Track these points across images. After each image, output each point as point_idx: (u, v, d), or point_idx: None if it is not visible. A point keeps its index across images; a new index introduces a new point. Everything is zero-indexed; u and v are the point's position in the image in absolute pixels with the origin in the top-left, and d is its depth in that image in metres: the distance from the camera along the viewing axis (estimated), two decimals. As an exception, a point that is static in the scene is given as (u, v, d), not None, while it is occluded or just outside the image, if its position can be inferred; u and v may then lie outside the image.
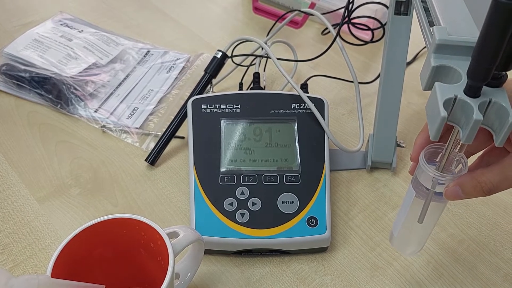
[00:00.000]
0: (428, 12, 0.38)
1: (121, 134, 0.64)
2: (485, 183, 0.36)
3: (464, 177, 0.37)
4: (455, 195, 0.37)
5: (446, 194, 0.38)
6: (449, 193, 0.37)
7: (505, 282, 0.49)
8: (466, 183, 0.36)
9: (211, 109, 0.56)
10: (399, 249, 0.47)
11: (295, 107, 0.56)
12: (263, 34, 0.81)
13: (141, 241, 0.40)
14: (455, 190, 0.37)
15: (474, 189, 0.36)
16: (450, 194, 0.37)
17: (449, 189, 0.37)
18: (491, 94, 0.32)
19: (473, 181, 0.36)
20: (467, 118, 0.32)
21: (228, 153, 0.54)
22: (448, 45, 0.33)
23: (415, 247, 0.45)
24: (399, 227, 0.44)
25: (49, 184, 0.57)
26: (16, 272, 0.48)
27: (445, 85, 0.32)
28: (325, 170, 0.53)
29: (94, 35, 0.77)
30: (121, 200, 0.56)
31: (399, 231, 0.44)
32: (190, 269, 0.44)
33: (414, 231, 0.43)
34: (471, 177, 0.36)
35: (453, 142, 0.36)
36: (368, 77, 0.74)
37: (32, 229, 0.52)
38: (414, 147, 0.41)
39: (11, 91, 0.69)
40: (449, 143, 0.36)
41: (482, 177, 0.36)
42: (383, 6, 0.69)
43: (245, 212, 0.50)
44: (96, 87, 0.69)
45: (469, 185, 0.36)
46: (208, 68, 0.63)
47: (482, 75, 0.30)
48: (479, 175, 0.36)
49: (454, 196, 0.37)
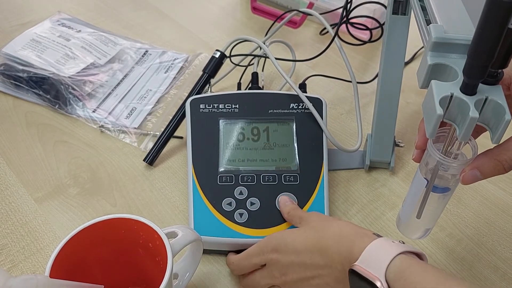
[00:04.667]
0: (425, 11, 0.38)
1: (119, 134, 0.64)
2: (505, 161, 0.35)
3: (482, 159, 0.36)
4: (473, 178, 0.36)
5: (464, 179, 0.36)
6: (466, 177, 0.36)
7: (503, 281, 0.49)
8: (485, 164, 0.36)
9: (209, 109, 0.56)
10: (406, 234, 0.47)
11: (293, 107, 0.56)
12: (262, 34, 0.81)
13: (139, 241, 0.40)
14: (473, 174, 0.36)
15: (494, 169, 0.35)
16: (468, 178, 0.36)
17: (466, 174, 0.36)
18: (487, 91, 0.32)
19: (493, 161, 0.35)
20: (463, 115, 0.32)
21: (227, 153, 0.54)
22: (444, 43, 0.33)
23: (423, 232, 0.45)
24: (408, 213, 0.43)
25: (47, 184, 0.57)
26: (15, 272, 0.48)
27: (441, 83, 0.33)
28: (323, 170, 0.53)
29: (92, 35, 0.77)
30: (119, 200, 0.56)
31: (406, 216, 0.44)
32: (188, 269, 0.44)
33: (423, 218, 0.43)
34: (490, 158, 0.35)
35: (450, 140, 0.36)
36: (366, 76, 0.74)
37: (30, 229, 0.52)
38: (418, 135, 0.40)
39: (9, 91, 0.68)
40: (446, 140, 0.36)
41: (503, 156, 0.35)
42: (381, 6, 0.69)
43: (244, 212, 0.50)
44: (94, 87, 0.69)
45: (489, 166, 0.35)
46: (206, 68, 0.63)
47: (478, 72, 0.30)
48: (498, 154, 0.35)
49: (473, 179, 0.36)
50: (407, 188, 0.58)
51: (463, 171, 0.37)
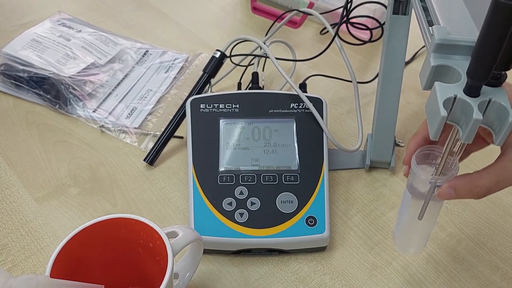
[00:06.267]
0: (427, 11, 0.38)
1: (120, 134, 0.64)
2: (480, 187, 0.36)
3: (459, 180, 0.37)
4: (448, 196, 0.38)
5: (439, 195, 0.38)
6: (442, 194, 0.38)
7: (503, 281, 0.49)
8: (461, 186, 0.37)
9: (209, 109, 0.56)
10: (402, 249, 0.47)
11: (293, 106, 0.56)
12: (262, 33, 0.81)
13: (140, 241, 0.40)
14: (448, 192, 0.37)
15: (469, 192, 0.37)
16: (443, 195, 0.38)
17: (442, 190, 0.38)
18: (491, 93, 0.32)
19: (469, 185, 0.37)
20: (467, 117, 0.32)
21: (227, 153, 0.54)
22: (447, 45, 0.33)
23: (418, 246, 0.46)
24: (400, 227, 0.44)
25: (47, 184, 0.57)
26: (15, 272, 0.48)
27: (444, 85, 0.33)
28: (324, 170, 0.53)
29: (93, 35, 0.77)
30: (119, 200, 0.56)
31: (400, 231, 0.44)
32: (189, 268, 0.44)
33: (415, 231, 0.43)
34: (466, 181, 0.37)
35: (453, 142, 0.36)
36: (366, 76, 0.74)
37: (30, 229, 0.52)
38: (407, 151, 0.42)
39: (9, 91, 0.68)
40: (448, 142, 0.36)
41: (478, 181, 0.36)
42: (381, 6, 0.69)
43: (244, 211, 0.50)
44: (94, 87, 0.69)
45: (464, 188, 0.37)
46: (206, 68, 0.63)
47: (482, 74, 0.30)
48: (475, 179, 0.36)
49: (447, 196, 0.38)
50: (407, 188, 0.58)
51: (441, 187, 0.38)
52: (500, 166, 0.36)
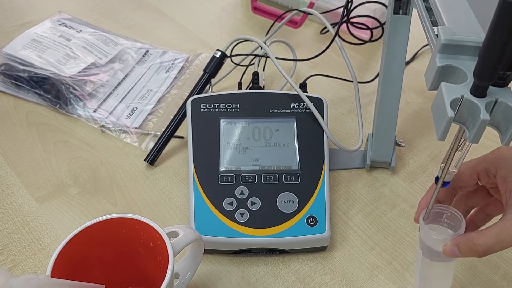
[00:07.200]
0: (430, 11, 0.38)
1: (120, 134, 0.64)
2: (480, 246, 0.37)
3: (461, 238, 0.38)
4: (453, 254, 0.38)
5: (444, 252, 0.39)
6: (447, 251, 0.39)
7: (503, 281, 0.49)
8: (462, 244, 0.38)
9: (210, 108, 0.56)
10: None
11: (294, 106, 0.56)
12: (262, 33, 0.81)
13: (140, 240, 0.40)
14: (452, 249, 0.38)
15: (469, 250, 0.37)
16: (448, 252, 0.38)
17: (447, 247, 0.39)
18: (497, 93, 0.32)
19: (469, 243, 0.37)
20: (473, 118, 0.32)
21: (228, 153, 0.54)
22: (453, 45, 0.33)
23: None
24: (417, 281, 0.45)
25: (48, 184, 0.57)
26: (16, 272, 0.48)
27: (451, 85, 0.32)
28: (324, 170, 0.53)
29: (93, 35, 0.77)
30: (120, 200, 0.56)
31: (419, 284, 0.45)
32: (189, 268, 0.44)
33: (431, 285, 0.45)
34: (467, 239, 0.37)
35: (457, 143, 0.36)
36: (367, 76, 0.74)
37: (31, 229, 0.52)
38: (418, 209, 0.42)
39: (10, 91, 0.68)
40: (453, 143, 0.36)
41: (478, 240, 0.37)
42: (382, 5, 0.69)
43: (245, 211, 0.50)
44: (95, 87, 0.69)
45: (465, 246, 0.38)
46: (207, 68, 0.63)
47: (488, 74, 0.30)
48: (475, 238, 0.37)
49: (452, 254, 0.38)
50: (408, 188, 0.58)
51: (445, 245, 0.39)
52: (501, 226, 0.37)
